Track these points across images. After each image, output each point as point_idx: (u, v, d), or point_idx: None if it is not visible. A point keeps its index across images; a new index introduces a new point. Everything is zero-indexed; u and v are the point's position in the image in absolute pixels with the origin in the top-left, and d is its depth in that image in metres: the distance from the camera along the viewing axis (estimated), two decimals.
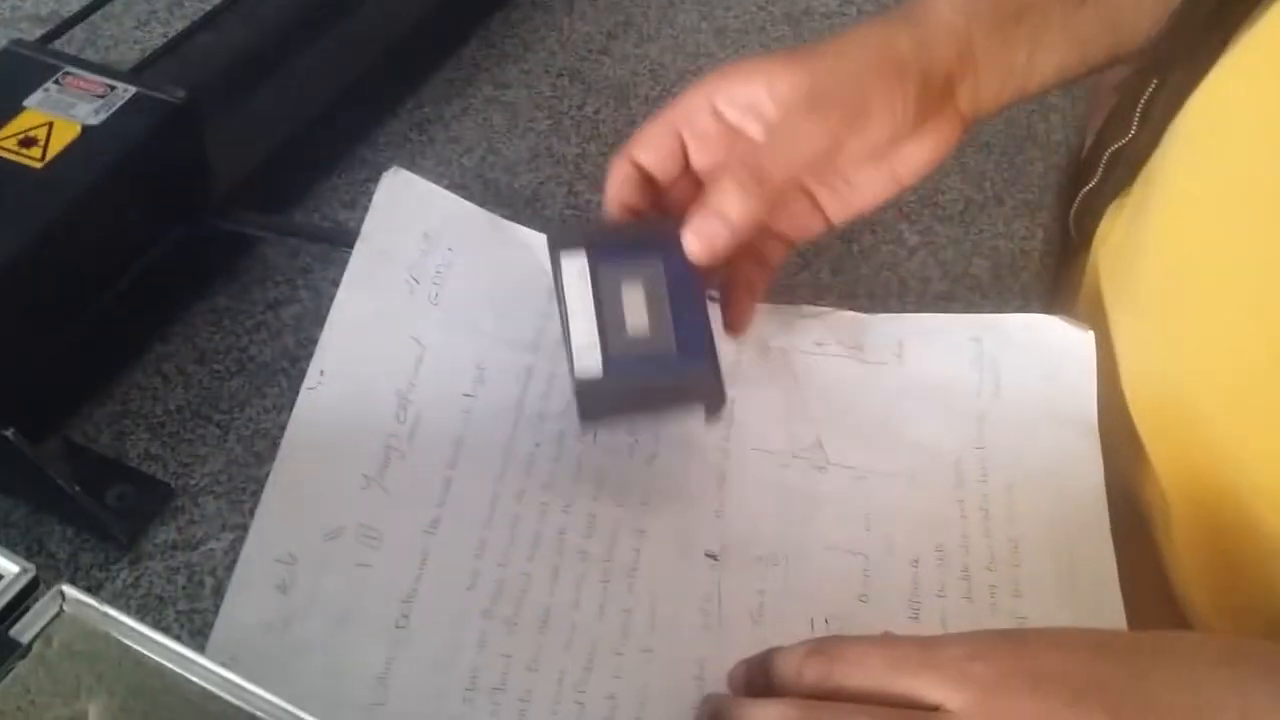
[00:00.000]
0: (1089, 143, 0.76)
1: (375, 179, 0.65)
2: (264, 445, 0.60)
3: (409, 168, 0.65)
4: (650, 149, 0.59)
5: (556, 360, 0.61)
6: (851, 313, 0.66)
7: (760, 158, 0.56)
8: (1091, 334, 0.63)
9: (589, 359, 0.53)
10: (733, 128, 0.59)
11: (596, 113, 0.79)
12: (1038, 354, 0.64)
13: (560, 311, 0.55)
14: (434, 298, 0.61)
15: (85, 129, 0.59)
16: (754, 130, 0.58)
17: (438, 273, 0.62)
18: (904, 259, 0.73)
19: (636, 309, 0.54)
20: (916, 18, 0.58)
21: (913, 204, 0.76)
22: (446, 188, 0.71)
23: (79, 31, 0.78)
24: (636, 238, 0.57)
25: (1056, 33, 0.60)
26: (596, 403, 0.53)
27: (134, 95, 0.60)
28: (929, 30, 0.58)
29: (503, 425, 0.59)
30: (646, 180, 0.59)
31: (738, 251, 0.57)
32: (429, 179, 0.65)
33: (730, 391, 0.55)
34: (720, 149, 0.59)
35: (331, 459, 0.56)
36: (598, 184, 0.72)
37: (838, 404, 0.62)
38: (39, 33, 0.72)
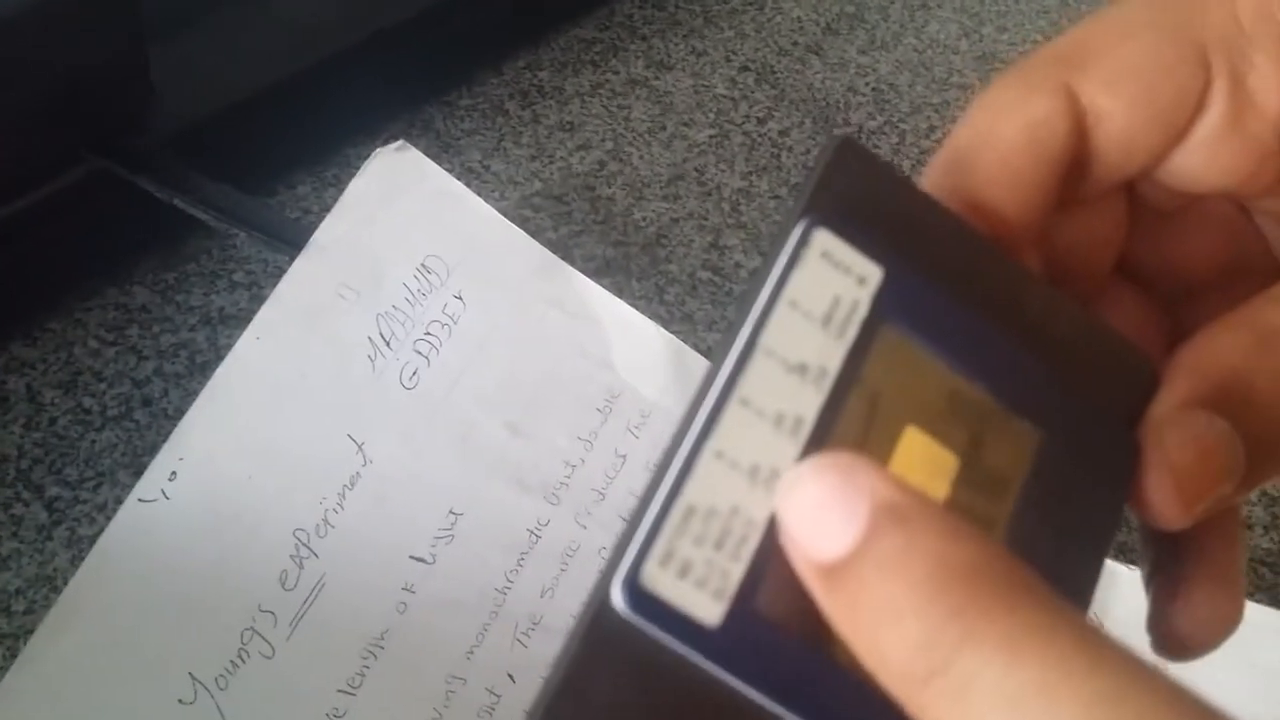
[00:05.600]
0: None
1: (437, 155, 0.41)
2: None
3: (490, 155, 0.41)
4: (1134, 79, 0.21)
5: (596, 519, 0.36)
6: None
7: None
8: None
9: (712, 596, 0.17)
10: None
11: (784, 133, 0.54)
12: None
13: (715, 375, 0.17)
14: (410, 375, 0.36)
15: None
16: None
17: (428, 334, 0.37)
18: None
19: None
20: None
21: None
22: (533, 196, 0.48)
23: None
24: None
25: None
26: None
27: None
28: None
29: (463, 625, 0.34)
30: (1069, 160, 0.21)
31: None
32: (503, 177, 0.41)
33: None
34: None
35: (136, 641, 0.32)
36: (758, 243, 0.47)
37: None
38: None
